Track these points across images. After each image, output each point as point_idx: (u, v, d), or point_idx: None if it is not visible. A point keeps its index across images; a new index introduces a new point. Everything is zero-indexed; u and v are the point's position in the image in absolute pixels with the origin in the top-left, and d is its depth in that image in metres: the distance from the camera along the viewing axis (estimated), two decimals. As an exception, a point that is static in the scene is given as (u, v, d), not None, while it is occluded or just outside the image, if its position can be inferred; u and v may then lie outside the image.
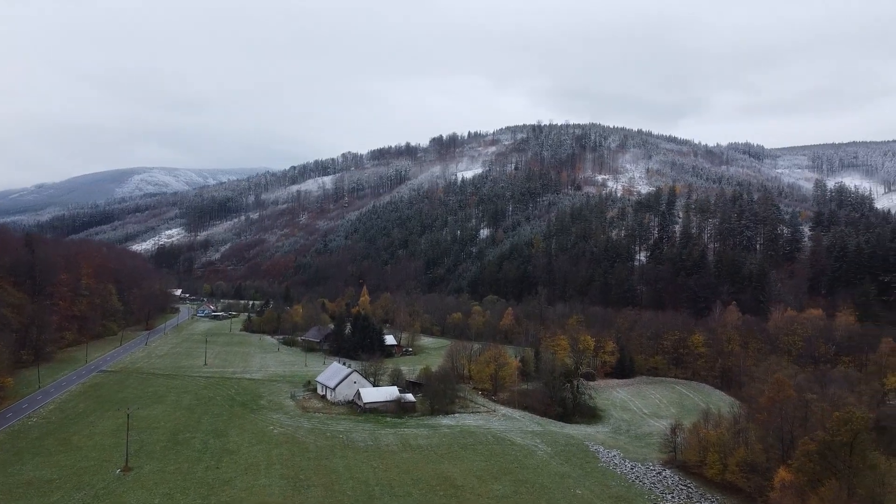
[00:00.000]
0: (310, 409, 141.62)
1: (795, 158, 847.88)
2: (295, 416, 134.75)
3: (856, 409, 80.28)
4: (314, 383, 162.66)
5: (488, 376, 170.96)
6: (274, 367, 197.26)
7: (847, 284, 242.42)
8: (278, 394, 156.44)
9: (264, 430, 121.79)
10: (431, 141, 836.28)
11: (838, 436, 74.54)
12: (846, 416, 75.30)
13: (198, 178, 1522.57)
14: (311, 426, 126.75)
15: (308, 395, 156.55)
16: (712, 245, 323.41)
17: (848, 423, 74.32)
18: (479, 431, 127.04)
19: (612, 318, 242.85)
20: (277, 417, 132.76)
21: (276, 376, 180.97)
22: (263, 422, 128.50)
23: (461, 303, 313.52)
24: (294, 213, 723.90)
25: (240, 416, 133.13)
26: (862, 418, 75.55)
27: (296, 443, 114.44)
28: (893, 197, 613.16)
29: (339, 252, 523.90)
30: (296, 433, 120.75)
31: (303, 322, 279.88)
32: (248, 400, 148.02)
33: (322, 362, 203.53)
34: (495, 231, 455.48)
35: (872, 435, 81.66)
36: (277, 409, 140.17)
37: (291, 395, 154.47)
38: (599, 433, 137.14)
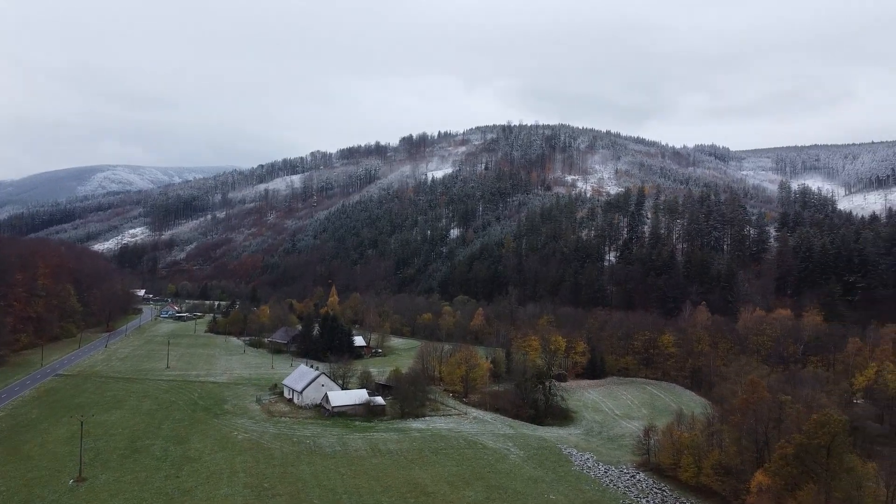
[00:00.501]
0: (276, 414, 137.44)
1: (759, 161, 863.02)
2: (260, 421, 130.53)
3: (832, 412, 79.37)
4: (281, 386, 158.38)
5: (459, 378, 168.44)
6: (239, 370, 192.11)
7: (813, 285, 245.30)
8: (243, 398, 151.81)
9: (228, 436, 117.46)
10: (401, 140, 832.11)
11: (815, 439, 73.44)
12: (823, 418, 74.25)
13: (163, 176, 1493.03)
14: (277, 431, 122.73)
15: (274, 398, 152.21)
16: (681, 245, 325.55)
17: (825, 425, 73.26)
18: (451, 435, 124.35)
19: (583, 319, 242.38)
20: (242, 422, 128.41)
21: (242, 379, 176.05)
22: (227, 427, 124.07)
23: (431, 303, 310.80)
24: (262, 213, 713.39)
25: (202, 421, 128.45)
26: (839, 421, 74.56)
27: (261, 449, 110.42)
28: (854, 199, 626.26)
29: (308, 252, 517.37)
30: (261, 439, 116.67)
31: (270, 323, 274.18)
32: (212, 404, 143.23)
33: (289, 364, 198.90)
34: (466, 231, 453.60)
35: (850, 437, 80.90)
36: (242, 414, 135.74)
37: (257, 399, 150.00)
38: (572, 435, 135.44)
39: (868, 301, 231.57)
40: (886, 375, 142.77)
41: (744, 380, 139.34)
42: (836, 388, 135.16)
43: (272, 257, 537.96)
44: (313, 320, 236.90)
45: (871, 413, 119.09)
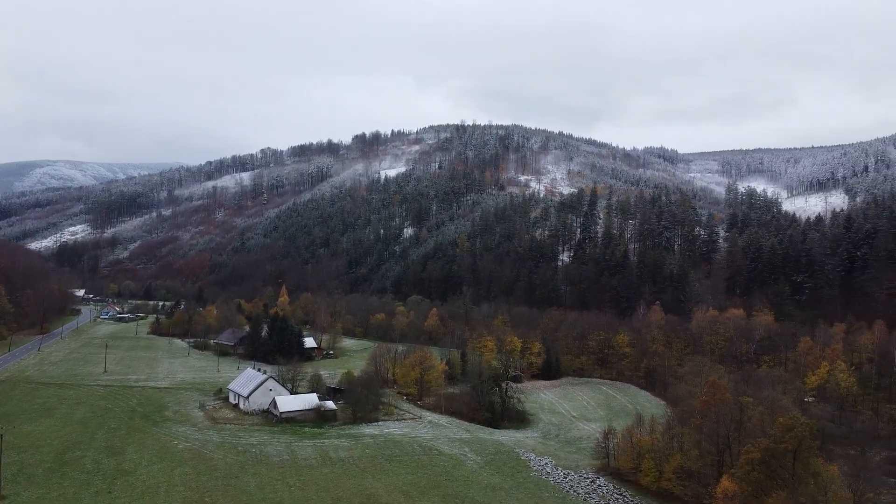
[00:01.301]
0: (220, 421, 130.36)
1: (706, 163, 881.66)
2: (203, 429, 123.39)
3: (799, 415, 77.74)
4: (226, 391, 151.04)
5: (413, 380, 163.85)
6: (182, 374, 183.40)
7: (762, 284, 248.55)
8: (185, 403, 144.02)
9: (167, 446, 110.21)
10: (354, 138, 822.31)
11: (782, 443, 71.53)
12: (790, 422, 72.42)
13: (107, 172, 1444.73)
14: (221, 440, 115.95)
15: (219, 404, 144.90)
16: (633, 245, 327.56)
17: (792, 429, 71.39)
18: (405, 441, 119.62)
19: (538, 319, 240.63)
20: (183, 430, 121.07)
21: (185, 384, 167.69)
22: (167, 436, 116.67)
23: (385, 303, 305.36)
24: (210, 210, 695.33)
25: (140, 429, 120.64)
26: (806, 424, 72.87)
27: (202, 459, 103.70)
28: (796, 201, 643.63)
29: (258, 251, 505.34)
30: (203, 448, 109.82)
31: (216, 324, 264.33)
32: (151, 411, 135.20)
33: (236, 367, 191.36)
34: (419, 230, 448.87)
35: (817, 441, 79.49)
36: (184, 421, 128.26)
37: (200, 405, 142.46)
38: (529, 439, 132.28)
39: (814, 300, 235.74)
40: (838, 374, 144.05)
41: (699, 380, 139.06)
42: (792, 388, 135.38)
43: (220, 256, 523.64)
44: (262, 321, 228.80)
45: (828, 413, 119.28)
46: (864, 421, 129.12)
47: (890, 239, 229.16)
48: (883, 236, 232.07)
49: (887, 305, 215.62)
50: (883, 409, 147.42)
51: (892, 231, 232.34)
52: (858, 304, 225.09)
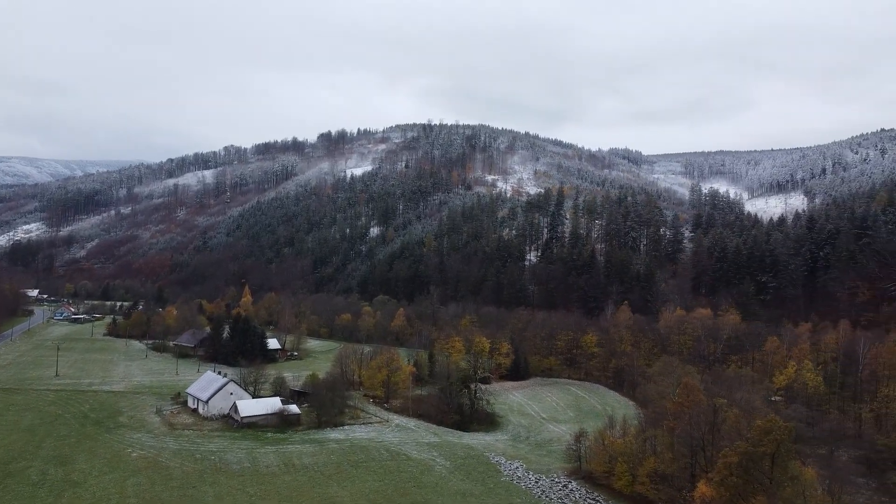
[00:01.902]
0: (178, 426, 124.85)
1: (670, 165, 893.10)
2: (159, 436, 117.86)
3: (777, 418, 76.23)
4: (184, 395, 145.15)
5: (380, 383, 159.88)
6: (139, 377, 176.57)
7: (727, 284, 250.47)
8: (141, 408, 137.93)
9: (120, 454, 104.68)
10: (320, 136, 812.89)
11: (761, 446, 69.82)
12: (768, 425, 70.77)
13: (64, 169, 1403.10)
14: (179, 447, 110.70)
15: (177, 409, 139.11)
16: (599, 245, 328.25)
17: (770, 432, 69.73)
18: (372, 446, 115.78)
19: (506, 319, 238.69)
20: (138, 437, 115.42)
21: (142, 387, 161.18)
22: (120, 443, 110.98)
23: (350, 303, 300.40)
24: (171, 209, 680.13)
25: (92, 437, 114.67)
26: (784, 427, 71.31)
27: (158, 468, 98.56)
28: (757, 202, 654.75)
29: (220, 250, 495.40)
30: (159, 456, 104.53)
31: (176, 325, 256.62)
32: (105, 417, 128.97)
33: (196, 370, 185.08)
34: (386, 229, 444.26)
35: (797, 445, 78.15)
36: (139, 428, 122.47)
37: (157, 410, 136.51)
38: (499, 442, 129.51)
39: (779, 300, 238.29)
40: (805, 374, 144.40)
41: (669, 380, 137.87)
42: (761, 388, 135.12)
43: (181, 255, 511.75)
44: (224, 322, 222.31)
45: (798, 414, 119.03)
46: (831, 420, 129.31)
47: (851, 240, 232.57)
48: (845, 237, 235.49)
49: (849, 305, 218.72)
50: (848, 407, 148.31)
51: (853, 232, 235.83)
52: (821, 303, 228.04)
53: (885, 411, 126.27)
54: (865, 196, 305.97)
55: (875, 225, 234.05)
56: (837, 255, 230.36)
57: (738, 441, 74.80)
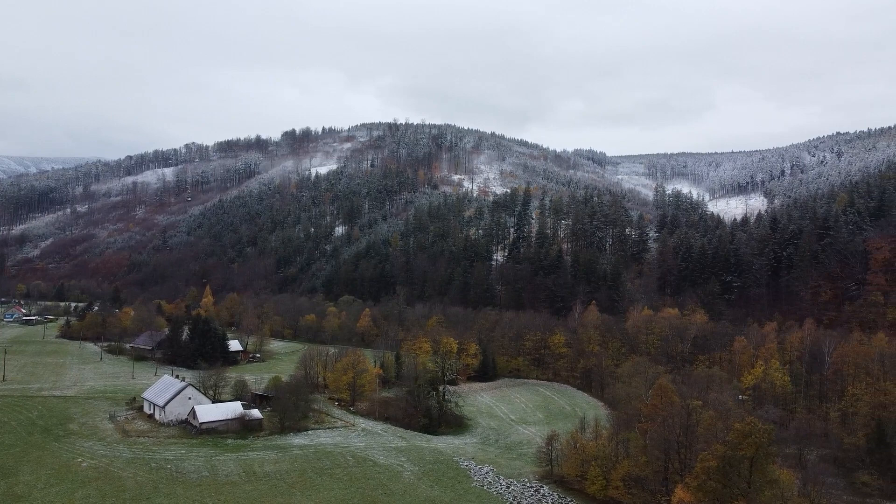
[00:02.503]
0: (132, 433, 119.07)
1: (633, 166, 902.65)
2: (112, 444, 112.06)
3: (756, 420, 74.62)
4: (140, 400, 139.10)
5: (346, 385, 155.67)
6: (93, 381, 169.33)
7: (693, 284, 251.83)
8: (94, 414, 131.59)
9: (69, 465, 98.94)
10: (284, 135, 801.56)
11: (740, 450, 68.04)
12: (748, 428, 69.02)
13: (17, 166, 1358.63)
14: (133, 455, 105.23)
15: (132, 414, 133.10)
16: (566, 245, 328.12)
17: (750, 435, 68.00)
18: (337, 451, 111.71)
19: (473, 319, 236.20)
20: (89, 446, 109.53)
21: (95, 392, 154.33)
22: (70, 453, 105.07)
23: (315, 304, 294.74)
24: (129, 207, 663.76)
25: (39, 446, 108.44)
26: (764, 430, 69.67)
27: (110, 479, 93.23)
28: (718, 203, 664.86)
29: (181, 249, 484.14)
30: (111, 466, 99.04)
31: (133, 326, 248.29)
32: (54, 424, 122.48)
33: (153, 373, 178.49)
34: (351, 229, 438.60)
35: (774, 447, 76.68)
36: (90, 435, 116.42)
37: (110, 416, 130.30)
38: (468, 445, 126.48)
39: (743, 299, 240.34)
40: (773, 373, 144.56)
41: (638, 381, 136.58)
42: (729, 387, 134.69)
43: (140, 255, 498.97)
44: (183, 323, 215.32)
45: (769, 414, 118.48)
46: (799, 420, 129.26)
47: (814, 240, 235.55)
48: (807, 237, 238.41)
49: (812, 304, 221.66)
50: (814, 406, 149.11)
51: (815, 232, 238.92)
52: (785, 302, 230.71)
53: (853, 410, 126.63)
54: (826, 197, 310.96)
55: (836, 225, 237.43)
56: (800, 255, 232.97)
57: (716, 444, 72.99)
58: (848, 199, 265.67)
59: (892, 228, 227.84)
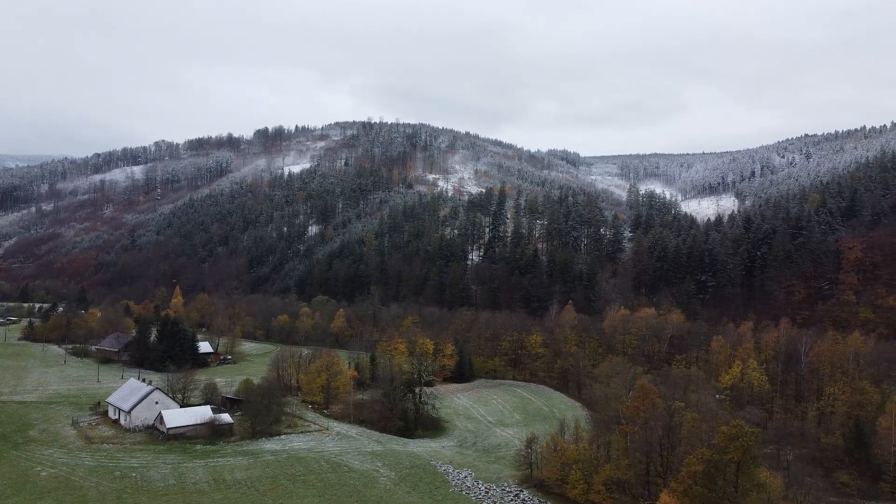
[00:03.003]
0: (96, 440, 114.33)
1: (606, 166, 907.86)
2: (75, 451, 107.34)
3: (743, 423, 73.07)
4: (105, 405, 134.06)
5: (319, 387, 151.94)
6: (56, 385, 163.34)
7: (668, 283, 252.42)
8: (56, 420, 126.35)
9: (28, 474, 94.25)
10: (256, 133, 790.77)
11: (727, 454, 66.40)
12: (735, 431, 67.42)
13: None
14: (96, 463, 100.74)
15: (96, 420, 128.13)
16: (542, 245, 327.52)
17: (737, 438, 66.38)
18: (311, 457, 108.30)
19: (449, 319, 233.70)
20: (49, 454, 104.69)
21: (57, 397, 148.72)
22: (29, 461, 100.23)
23: (288, 304, 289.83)
24: (97, 205, 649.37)
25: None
26: (751, 433, 68.13)
27: (70, 489, 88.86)
28: (690, 204, 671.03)
29: (150, 249, 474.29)
30: (72, 475, 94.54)
31: (100, 328, 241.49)
32: (13, 431, 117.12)
33: (120, 377, 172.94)
34: (325, 228, 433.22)
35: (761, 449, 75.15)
36: (51, 442, 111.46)
37: (73, 422, 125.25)
38: (445, 448, 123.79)
39: (718, 299, 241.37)
40: (751, 373, 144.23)
41: (616, 381, 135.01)
42: (708, 387, 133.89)
43: (108, 255, 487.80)
44: (151, 324, 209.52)
45: (756, 416, 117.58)
46: (777, 420, 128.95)
47: (787, 239, 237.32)
48: (780, 237, 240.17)
49: (786, 303, 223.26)
50: (790, 405, 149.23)
51: (789, 231, 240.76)
52: (759, 302, 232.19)
53: (831, 410, 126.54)
54: (798, 198, 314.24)
55: (809, 225, 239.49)
56: (774, 255, 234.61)
57: (701, 448, 71.31)
58: (820, 200, 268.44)
59: (864, 228, 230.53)
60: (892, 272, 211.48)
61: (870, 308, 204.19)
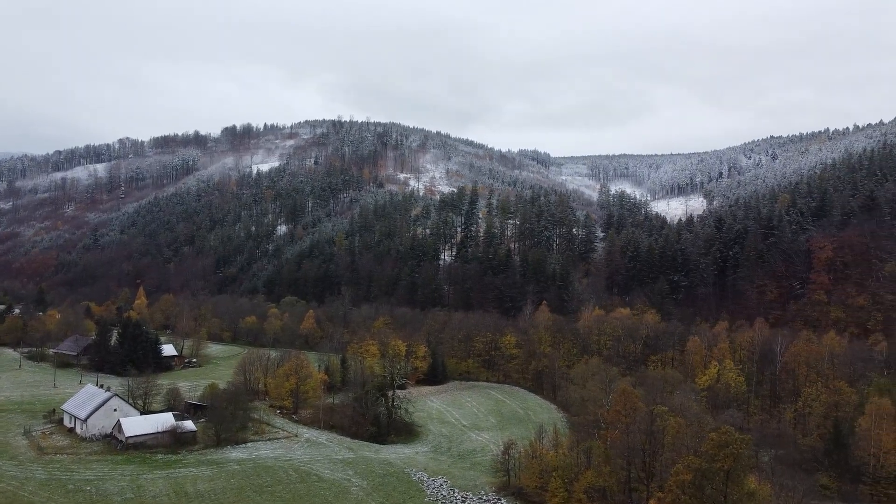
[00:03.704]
0: (49, 451, 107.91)
1: (576, 167, 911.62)
2: (25, 463, 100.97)
3: (732, 429, 70.37)
4: (60, 412, 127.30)
5: (288, 392, 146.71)
6: (9, 391, 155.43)
7: (641, 283, 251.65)
8: (6, 429, 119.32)
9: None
10: (224, 131, 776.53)
11: (716, 462, 63.58)
12: (724, 438, 64.61)
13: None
14: (48, 476, 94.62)
15: (50, 429, 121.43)
16: (514, 245, 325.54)
17: (727, 446, 63.63)
18: (278, 466, 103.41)
19: (421, 320, 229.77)
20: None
21: (9, 404, 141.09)
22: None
23: (256, 305, 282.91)
24: (58, 204, 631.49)
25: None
26: (741, 440, 65.44)
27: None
28: (659, 204, 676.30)
29: (113, 248, 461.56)
30: (21, 489, 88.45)
31: (58, 330, 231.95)
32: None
33: (78, 382, 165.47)
34: (294, 227, 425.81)
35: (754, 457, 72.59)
36: (1, 453, 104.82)
37: (25, 431, 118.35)
38: (420, 455, 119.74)
39: (690, 299, 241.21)
40: (728, 374, 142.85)
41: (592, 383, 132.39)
42: (686, 389, 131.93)
43: (69, 255, 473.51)
44: (111, 326, 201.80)
45: (737, 420, 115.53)
46: (756, 422, 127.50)
47: (759, 239, 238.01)
48: (752, 236, 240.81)
49: (758, 303, 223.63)
50: (765, 405, 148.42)
51: (760, 231, 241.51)
52: (732, 301, 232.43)
53: (808, 411, 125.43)
54: (767, 198, 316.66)
55: (780, 225, 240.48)
56: (746, 255, 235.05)
57: (688, 456, 68.43)
58: (790, 200, 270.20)
59: (834, 228, 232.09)
60: (863, 272, 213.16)
61: (840, 308, 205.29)
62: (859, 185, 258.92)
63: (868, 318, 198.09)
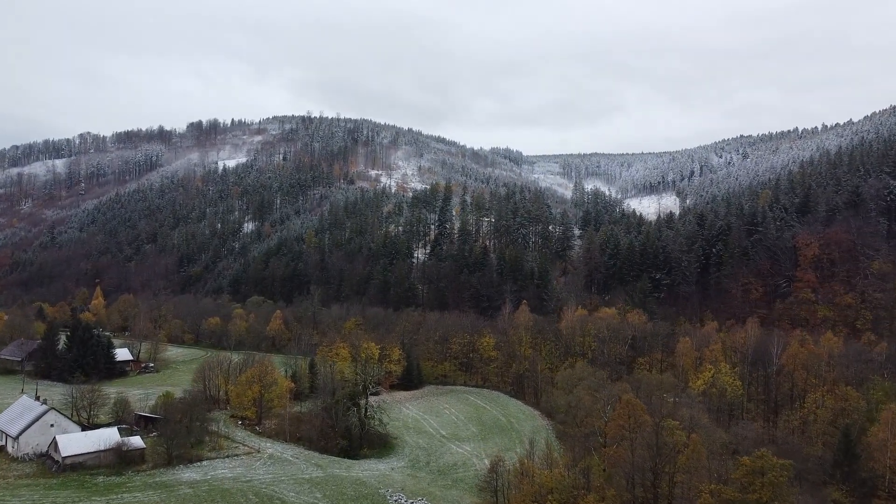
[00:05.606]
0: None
1: (549, 165, 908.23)
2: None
3: (769, 454, 60.98)
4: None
5: (251, 401, 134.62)
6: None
7: (621, 282, 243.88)
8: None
9: None
10: (189, 126, 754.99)
11: (752, 493, 54.14)
12: (760, 463, 55.17)
13: None
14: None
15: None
16: (489, 242, 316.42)
17: (764, 474, 54.23)
18: (237, 488, 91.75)
19: (395, 321, 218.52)
20: None
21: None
22: None
23: (220, 305, 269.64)
24: (13, 200, 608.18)
25: None
26: (781, 466, 56.04)
27: (-77, 545, 70.35)
28: (632, 202, 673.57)
29: (71, 246, 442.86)
30: (-70, 524, 75.88)
31: (5, 333, 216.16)
32: None
33: (19, 391, 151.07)
34: (262, 225, 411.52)
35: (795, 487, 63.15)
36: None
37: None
38: (395, 471, 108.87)
39: (673, 297, 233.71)
40: (723, 378, 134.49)
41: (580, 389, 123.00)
42: (682, 395, 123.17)
43: (24, 253, 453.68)
44: (59, 329, 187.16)
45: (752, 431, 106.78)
46: (755, 429, 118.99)
47: (743, 236, 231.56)
48: (736, 233, 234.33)
49: (743, 301, 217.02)
50: (760, 410, 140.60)
51: (744, 228, 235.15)
52: (715, 300, 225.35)
53: (813, 418, 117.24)
54: (746, 195, 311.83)
55: (765, 221, 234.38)
56: (730, 252, 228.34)
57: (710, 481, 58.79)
58: (773, 196, 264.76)
59: (819, 224, 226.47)
60: (850, 269, 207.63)
61: (828, 306, 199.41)
62: (843, 180, 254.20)
63: (857, 317, 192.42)
